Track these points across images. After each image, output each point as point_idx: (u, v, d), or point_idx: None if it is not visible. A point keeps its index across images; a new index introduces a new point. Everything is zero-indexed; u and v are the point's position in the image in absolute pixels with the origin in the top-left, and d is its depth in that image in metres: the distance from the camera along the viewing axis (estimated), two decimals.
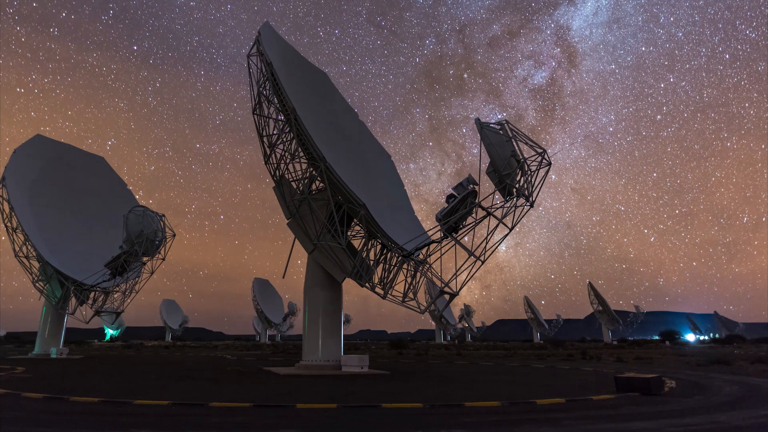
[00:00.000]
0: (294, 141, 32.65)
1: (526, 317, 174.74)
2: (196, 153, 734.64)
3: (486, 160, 27.58)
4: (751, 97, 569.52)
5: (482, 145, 27.45)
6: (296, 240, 34.35)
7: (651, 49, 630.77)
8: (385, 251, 34.15)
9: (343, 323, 35.13)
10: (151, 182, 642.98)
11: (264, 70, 32.95)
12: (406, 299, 32.01)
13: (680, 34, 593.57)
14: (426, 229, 34.26)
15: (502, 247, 28.99)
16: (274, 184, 35.02)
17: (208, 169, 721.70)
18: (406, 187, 43.21)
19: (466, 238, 29.74)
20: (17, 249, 53.25)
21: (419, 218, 41.34)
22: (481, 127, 27.56)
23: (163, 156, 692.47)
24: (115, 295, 54.55)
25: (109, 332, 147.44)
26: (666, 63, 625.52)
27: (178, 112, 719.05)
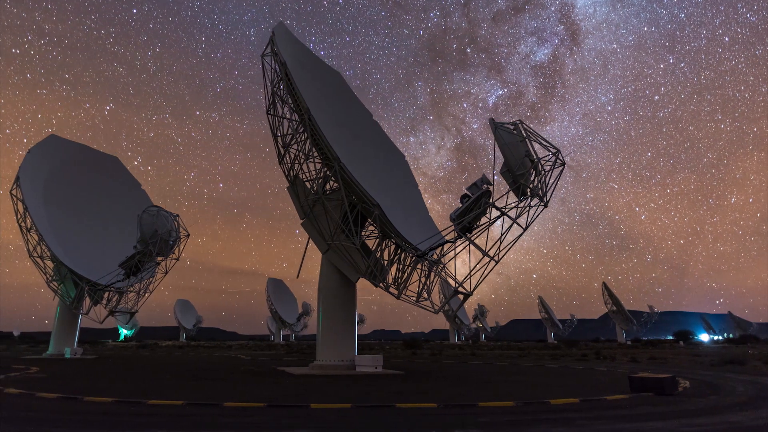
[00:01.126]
0: (308, 141, 32.93)
1: (540, 317, 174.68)
2: (196, 120, 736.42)
3: (500, 160, 27.81)
4: (747, 80, 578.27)
5: (496, 144, 27.65)
6: (310, 240, 34.69)
7: (653, 29, 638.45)
8: (399, 251, 34.35)
9: (357, 323, 35.31)
10: (150, 148, 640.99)
11: (278, 70, 33.31)
12: (420, 299, 32.22)
13: (682, 15, 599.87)
14: (440, 229, 34.47)
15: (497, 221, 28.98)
16: (288, 184, 35.44)
17: (208, 137, 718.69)
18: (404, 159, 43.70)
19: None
20: (31, 249, 53.67)
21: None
22: (495, 127, 27.75)
23: (162, 122, 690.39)
24: (129, 295, 54.96)
25: (124, 332, 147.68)
26: (667, 44, 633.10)
27: (178, 78, 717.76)
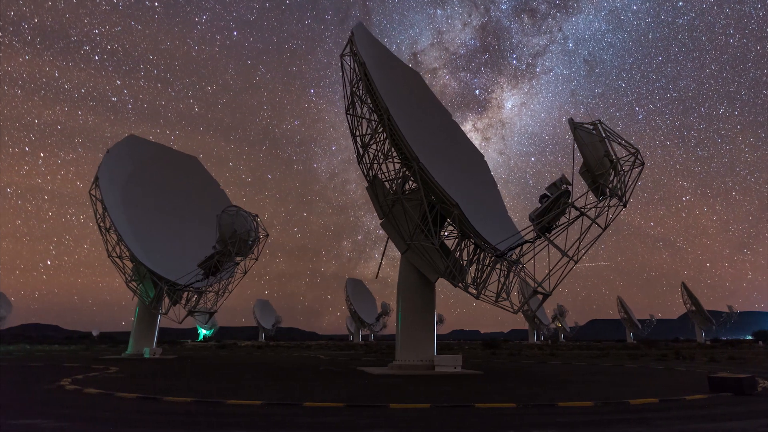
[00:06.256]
0: (387, 141, 34.22)
1: (619, 317, 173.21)
2: None
3: (579, 160, 28.80)
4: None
5: (575, 145, 28.63)
6: (389, 240, 36.00)
7: None
8: (478, 251, 35.41)
9: (436, 323, 36.31)
10: None
11: (357, 70, 34.73)
12: (499, 299, 33.05)
13: None
14: (519, 228, 35.45)
15: (508, 104, 29.67)
16: (366, 184, 36.97)
17: None
18: (429, 32, 44.26)
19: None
20: (110, 249, 55.55)
21: (437, 65, 42.86)
22: (575, 127, 28.72)
23: None
24: (209, 295, 56.59)
25: (203, 332, 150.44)
26: None
27: None
